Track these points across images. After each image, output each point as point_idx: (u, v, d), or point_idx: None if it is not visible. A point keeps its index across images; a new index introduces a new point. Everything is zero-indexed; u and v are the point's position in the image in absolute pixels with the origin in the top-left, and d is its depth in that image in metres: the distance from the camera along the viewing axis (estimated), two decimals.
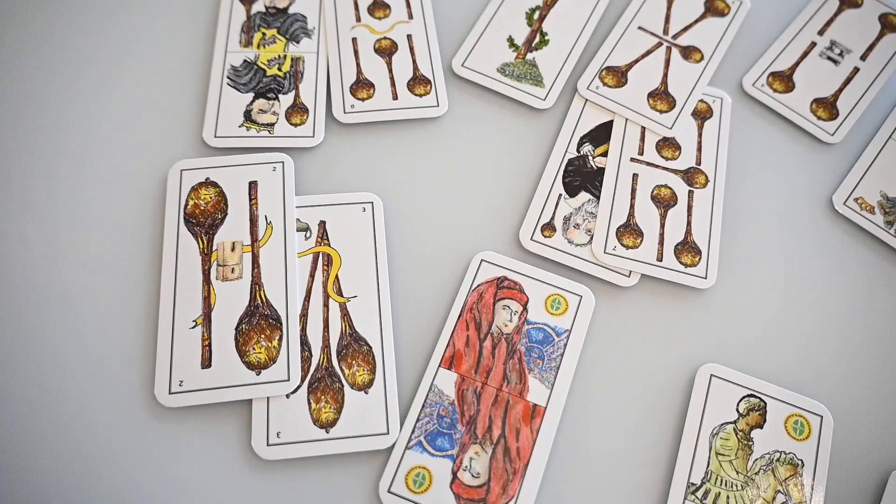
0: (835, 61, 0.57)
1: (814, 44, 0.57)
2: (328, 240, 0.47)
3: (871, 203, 0.51)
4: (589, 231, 0.49)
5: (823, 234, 0.50)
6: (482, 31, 0.56)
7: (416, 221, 0.49)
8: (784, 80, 0.56)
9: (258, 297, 0.45)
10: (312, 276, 0.46)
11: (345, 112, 0.52)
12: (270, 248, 0.46)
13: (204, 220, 0.47)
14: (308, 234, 0.47)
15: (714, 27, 0.57)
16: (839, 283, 0.49)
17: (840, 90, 0.55)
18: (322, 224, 0.48)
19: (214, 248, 0.46)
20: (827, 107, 0.55)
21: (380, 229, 0.48)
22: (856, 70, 0.56)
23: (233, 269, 0.45)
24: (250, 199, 0.48)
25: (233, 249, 0.46)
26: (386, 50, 0.55)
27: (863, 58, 0.57)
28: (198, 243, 0.46)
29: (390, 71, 0.54)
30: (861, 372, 0.46)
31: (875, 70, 0.56)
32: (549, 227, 0.49)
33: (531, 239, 0.48)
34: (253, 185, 0.48)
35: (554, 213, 0.49)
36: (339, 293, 0.45)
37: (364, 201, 0.48)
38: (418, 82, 0.53)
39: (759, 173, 0.52)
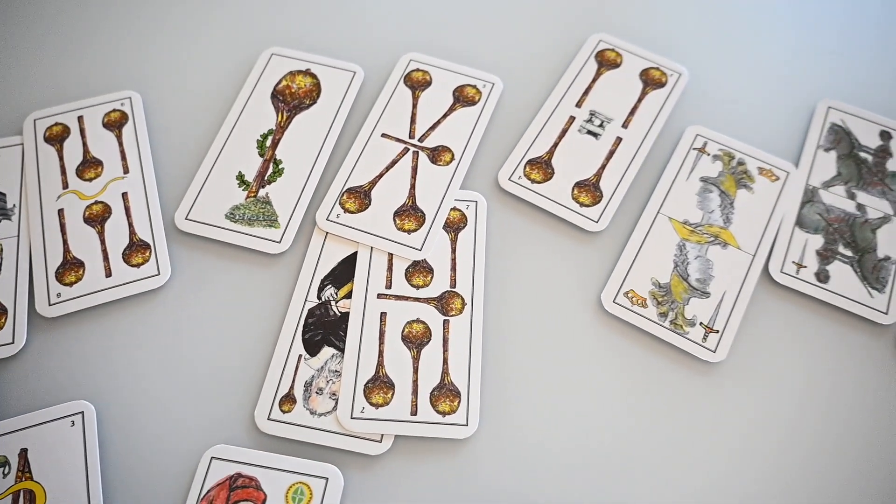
0: (595, 135, 0.52)
1: (573, 118, 0.53)
2: (31, 472, 0.41)
3: (643, 295, 0.47)
4: (334, 395, 0.43)
5: (599, 342, 0.46)
6: (209, 172, 0.50)
7: (136, 424, 0.43)
8: (542, 168, 0.51)
9: None
10: None
11: (49, 304, 0.45)
12: None
13: None
14: (6, 471, 0.41)
15: (465, 119, 0.53)
16: (624, 400, 0.44)
17: (603, 168, 0.51)
18: (23, 453, 0.41)
19: None
20: (589, 190, 0.50)
21: (92, 445, 0.41)
22: (618, 140, 0.52)
23: None
24: None
25: None
26: (97, 217, 0.48)
27: (625, 125, 0.53)
28: None
29: (103, 242, 0.48)
30: None
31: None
32: (288, 400, 0.43)
33: (268, 419, 0.43)
34: None
35: (293, 380, 0.44)
36: None
37: (73, 413, 0.42)
38: (135, 249, 0.47)
39: (521, 282, 0.48)
